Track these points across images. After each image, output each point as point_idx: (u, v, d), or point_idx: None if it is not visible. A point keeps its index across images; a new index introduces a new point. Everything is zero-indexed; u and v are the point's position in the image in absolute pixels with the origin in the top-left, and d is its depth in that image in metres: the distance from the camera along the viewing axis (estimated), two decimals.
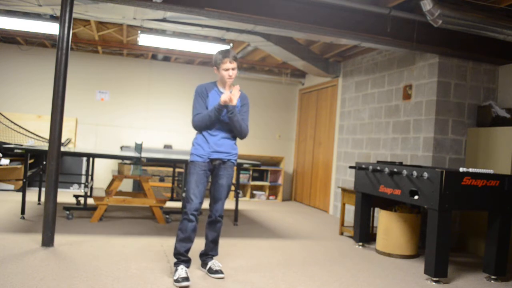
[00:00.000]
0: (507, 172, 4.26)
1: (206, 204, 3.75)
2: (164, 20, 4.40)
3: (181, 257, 3.04)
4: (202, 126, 3.11)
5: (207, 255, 3.26)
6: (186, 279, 2.91)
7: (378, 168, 4.20)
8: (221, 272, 3.13)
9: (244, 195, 7.99)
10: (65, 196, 6.46)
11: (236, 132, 3.17)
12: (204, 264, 3.25)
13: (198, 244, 3.58)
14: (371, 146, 5.85)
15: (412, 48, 4.57)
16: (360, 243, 4.55)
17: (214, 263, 3.20)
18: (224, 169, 3.18)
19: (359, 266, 3.77)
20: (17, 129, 7.02)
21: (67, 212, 4.85)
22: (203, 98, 3.16)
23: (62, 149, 4.70)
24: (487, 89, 4.97)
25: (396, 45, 4.54)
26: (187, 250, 3.05)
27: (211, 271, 3.14)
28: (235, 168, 3.36)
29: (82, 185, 7.34)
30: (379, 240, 4.31)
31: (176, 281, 2.89)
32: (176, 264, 3.04)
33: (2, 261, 3.11)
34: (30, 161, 6.63)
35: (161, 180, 7.35)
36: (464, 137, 4.86)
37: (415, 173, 3.66)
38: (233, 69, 3.11)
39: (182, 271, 2.97)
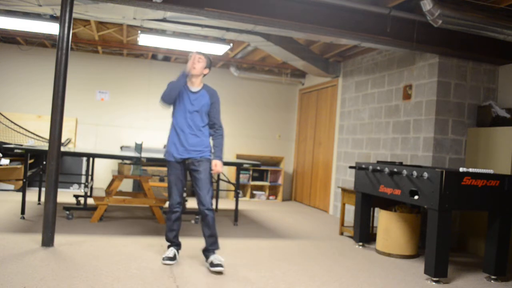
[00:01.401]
0: (507, 172, 4.26)
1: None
2: (164, 20, 4.40)
3: (171, 242, 3.47)
4: (167, 97, 3.37)
5: (208, 250, 3.36)
6: (171, 259, 3.36)
7: (378, 168, 4.20)
8: (221, 266, 3.20)
9: (244, 195, 7.99)
10: (65, 196, 6.46)
11: None
12: (206, 258, 3.35)
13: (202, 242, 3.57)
14: (371, 146, 5.85)
15: (412, 48, 4.57)
16: (360, 243, 4.55)
17: (215, 257, 3.27)
18: (199, 164, 3.35)
19: (359, 266, 3.77)
20: (17, 129, 7.01)
21: (67, 212, 4.85)
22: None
23: (62, 149, 4.70)
24: (487, 89, 4.97)
25: (396, 45, 4.54)
26: (175, 237, 3.46)
27: (212, 265, 3.23)
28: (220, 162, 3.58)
29: (82, 185, 7.34)
30: (379, 240, 4.31)
31: (163, 259, 3.37)
32: (168, 246, 3.49)
33: (2, 261, 3.11)
34: (30, 161, 6.63)
35: (161, 180, 7.34)
36: (464, 137, 4.86)
37: (415, 173, 3.66)
38: (199, 59, 3.35)
39: (170, 252, 3.42)
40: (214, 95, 3.45)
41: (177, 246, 3.49)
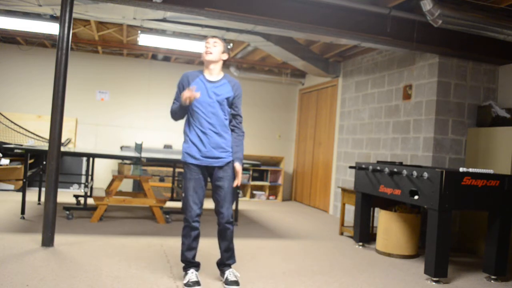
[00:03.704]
0: (507, 172, 4.26)
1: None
2: (164, 20, 4.40)
3: (190, 263, 2.97)
4: (175, 116, 2.98)
5: (223, 264, 3.05)
6: (197, 283, 2.84)
7: (378, 168, 4.20)
8: (237, 284, 2.92)
9: (244, 195, 7.99)
10: (65, 196, 6.46)
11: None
12: (222, 273, 3.05)
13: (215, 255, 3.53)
14: (371, 146, 5.85)
15: (412, 48, 4.57)
16: (360, 243, 4.55)
17: (231, 273, 2.99)
18: (222, 171, 2.94)
19: (359, 266, 3.77)
20: (17, 129, 7.02)
21: (67, 212, 4.85)
22: (183, 88, 2.94)
23: (62, 149, 4.71)
24: (487, 89, 4.97)
25: (396, 45, 4.54)
26: (194, 256, 2.98)
27: (227, 281, 2.93)
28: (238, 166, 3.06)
29: (82, 185, 7.34)
30: (379, 240, 4.31)
31: (187, 285, 2.82)
32: (186, 268, 2.96)
33: (2, 261, 3.11)
34: (30, 161, 6.63)
35: (161, 180, 7.35)
36: (464, 137, 4.86)
37: (415, 173, 3.66)
38: (214, 43, 2.92)
39: (192, 275, 2.90)
40: (238, 87, 3.00)
41: (198, 267, 3.00)
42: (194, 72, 3.00)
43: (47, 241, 3.62)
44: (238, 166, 2.97)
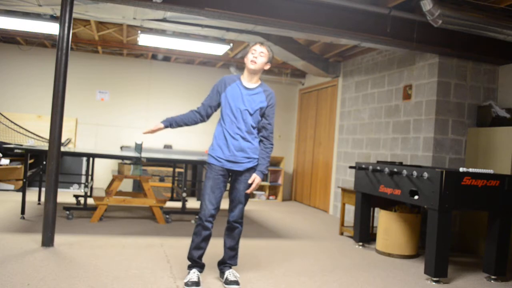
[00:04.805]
0: (507, 172, 4.26)
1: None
2: (164, 20, 4.40)
3: (195, 262, 2.98)
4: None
5: (224, 263, 3.07)
6: (196, 283, 2.84)
7: (378, 168, 4.20)
8: (237, 283, 2.93)
9: None
10: (65, 196, 6.46)
11: None
12: (221, 274, 3.06)
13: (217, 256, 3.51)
14: (371, 146, 5.85)
15: (412, 48, 4.57)
16: (360, 243, 4.55)
17: (231, 273, 3.00)
18: (242, 175, 2.99)
19: (359, 266, 3.77)
20: (17, 129, 7.02)
21: (67, 212, 4.85)
22: (217, 91, 3.00)
23: (62, 149, 4.70)
24: (487, 89, 4.97)
25: (396, 45, 4.54)
26: (200, 256, 2.98)
27: (227, 281, 2.95)
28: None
29: (82, 185, 7.34)
30: (379, 240, 4.31)
31: (186, 284, 2.84)
32: (190, 267, 2.98)
33: (2, 261, 3.11)
34: (30, 161, 6.63)
35: (161, 180, 7.34)
36: (464, 137, 4.86)
37: (415, 173, 3.66)
38: (261, 54, 2.91)
39: (193, 275, 2.91)
40: (272, 96, 2.99)
41: (201, 268, 3.01)
42: (233, 76, 3.02)
43: (47, 241, 3.62)
44: (256, 177, 2.97)
